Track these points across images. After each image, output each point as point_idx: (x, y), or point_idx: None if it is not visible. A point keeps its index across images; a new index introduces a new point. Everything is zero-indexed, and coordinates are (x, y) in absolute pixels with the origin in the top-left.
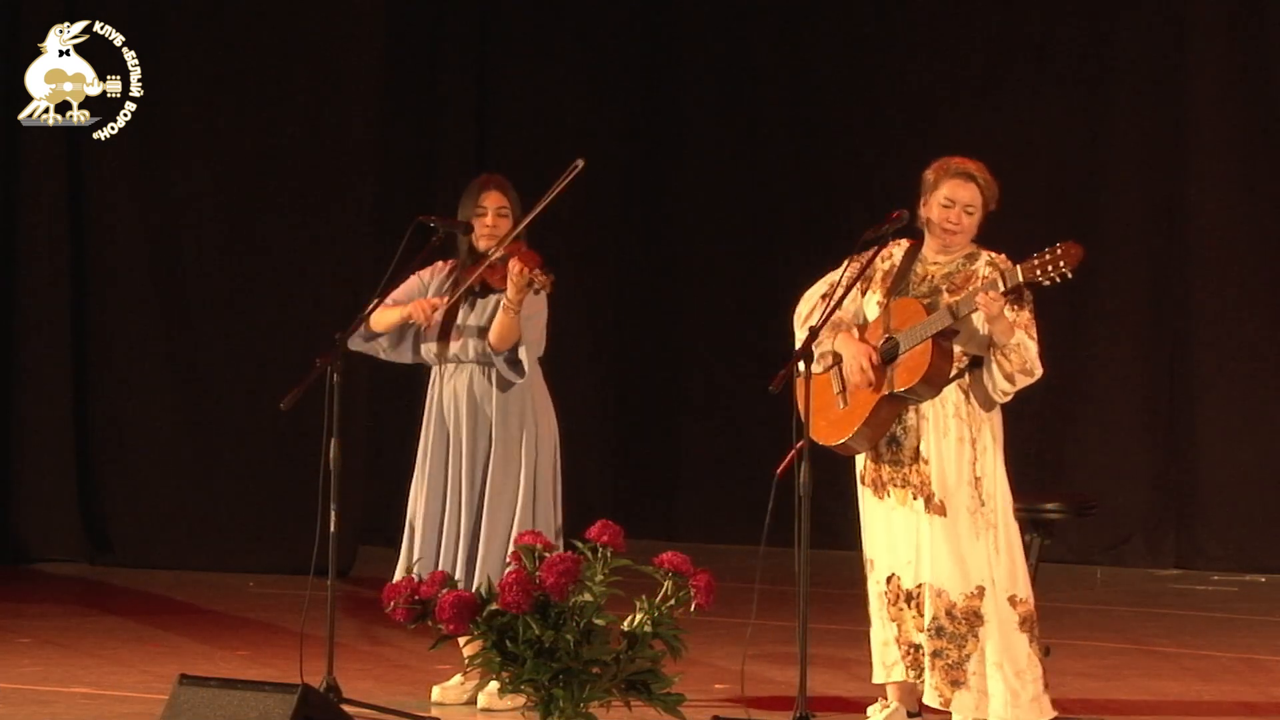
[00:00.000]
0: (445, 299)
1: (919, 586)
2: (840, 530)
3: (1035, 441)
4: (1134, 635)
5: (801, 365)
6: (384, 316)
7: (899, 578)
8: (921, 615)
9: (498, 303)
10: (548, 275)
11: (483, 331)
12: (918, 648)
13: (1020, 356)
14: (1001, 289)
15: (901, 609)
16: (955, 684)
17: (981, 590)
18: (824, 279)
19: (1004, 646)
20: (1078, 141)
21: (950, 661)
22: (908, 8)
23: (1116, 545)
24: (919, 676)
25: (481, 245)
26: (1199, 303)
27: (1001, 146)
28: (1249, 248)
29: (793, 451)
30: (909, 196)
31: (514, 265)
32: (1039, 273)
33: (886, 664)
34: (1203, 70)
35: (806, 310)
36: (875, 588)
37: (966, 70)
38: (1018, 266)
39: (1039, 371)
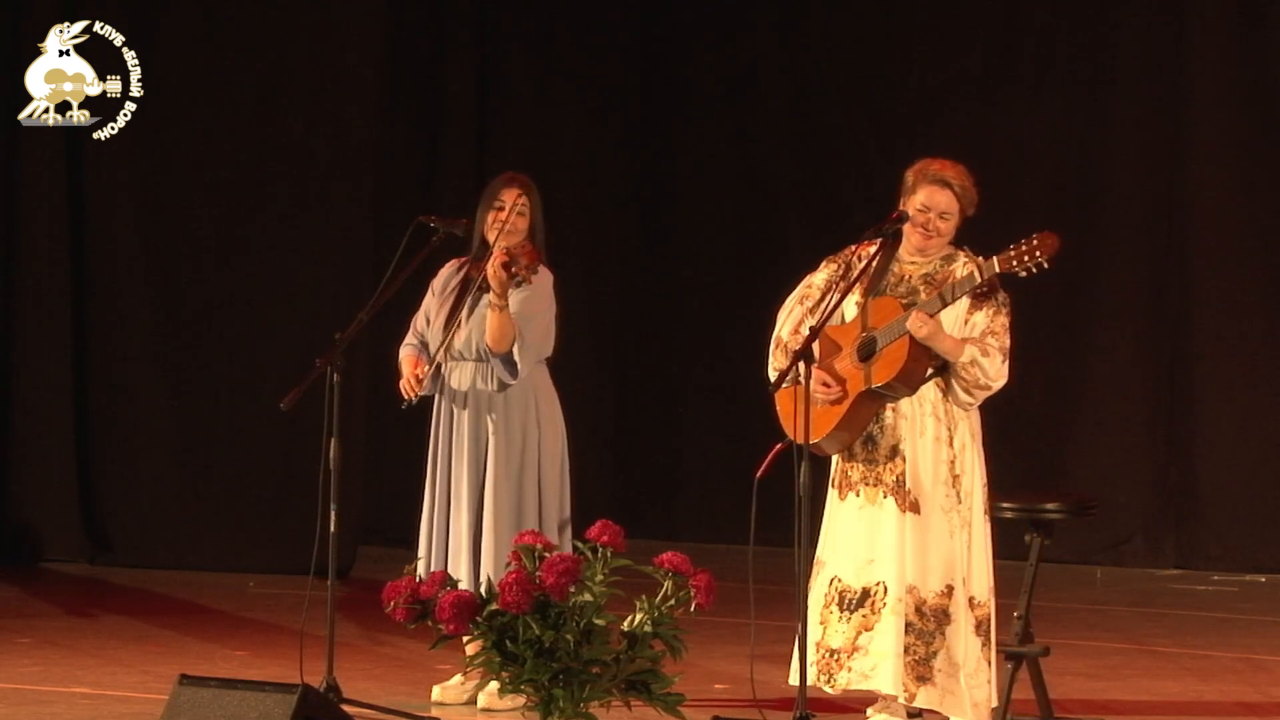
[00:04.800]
0: (423, 369)
1: (878, 584)
2: None
3: (1035, 441)
4: (1134, 635)
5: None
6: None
7: (840, 579)
8: (853, 617)
9: None
10: (529, 266)
11: (484, 329)
12: (834, 653)
13: (971, 374)
14: (978, 280)
15: (831, 612)
16: (921, 679)
17: (950, 589)
18: (802, 283)
19: (963, 648)
20: (1078, 141)
21: (917, 657)
22: (908, 7)
23: (1116, 545)
24: (829, 682)
25: (491, 236)
26: (1199, 303)
27: (1001, 146)
28: (1249, 247)
29: (771, 453)
30: None
31: (492, 258)
32: (1015, 263)
33: (810, 664)
34: (1203, 70)
35: (784, 318)
36: (818, 589)
37: (966, 70)
38: (994, 258)
39: (996, 386)
